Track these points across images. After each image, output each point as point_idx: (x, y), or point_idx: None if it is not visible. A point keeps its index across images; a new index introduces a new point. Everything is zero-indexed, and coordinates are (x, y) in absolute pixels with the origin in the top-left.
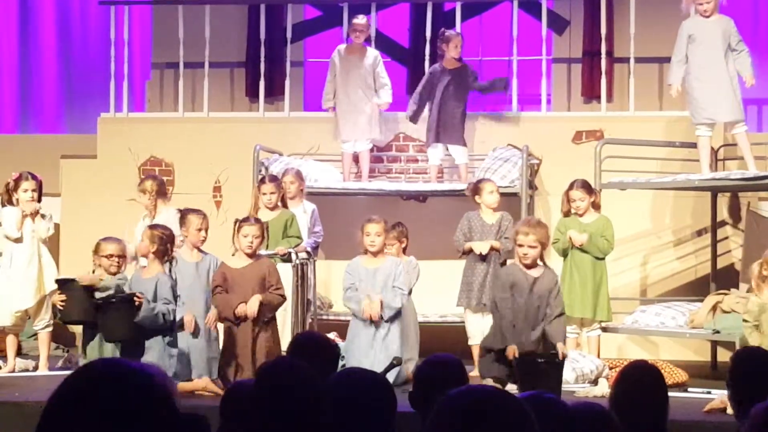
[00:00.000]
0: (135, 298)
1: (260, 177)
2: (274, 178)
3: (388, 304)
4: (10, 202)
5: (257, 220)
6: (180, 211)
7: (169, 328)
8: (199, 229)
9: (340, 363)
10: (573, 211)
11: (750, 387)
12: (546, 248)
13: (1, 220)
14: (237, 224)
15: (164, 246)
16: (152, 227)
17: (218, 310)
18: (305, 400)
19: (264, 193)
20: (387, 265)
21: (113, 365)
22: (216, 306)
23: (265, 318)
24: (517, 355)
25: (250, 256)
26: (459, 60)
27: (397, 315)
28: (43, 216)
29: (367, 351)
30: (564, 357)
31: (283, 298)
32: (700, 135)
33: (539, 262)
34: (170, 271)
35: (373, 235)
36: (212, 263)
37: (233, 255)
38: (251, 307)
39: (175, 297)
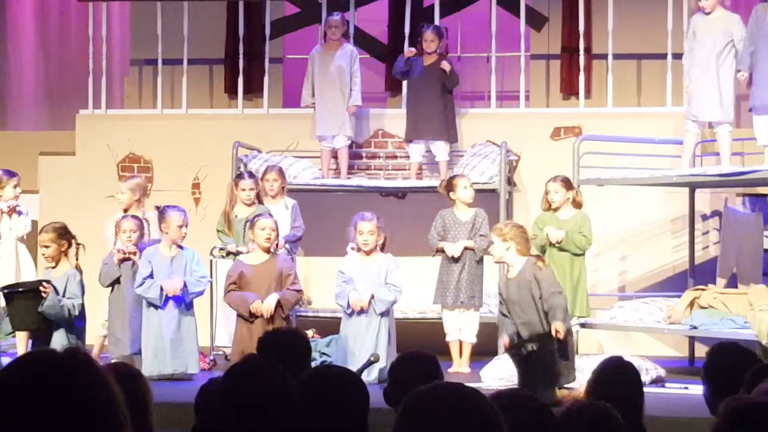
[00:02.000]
0: (41, 288)
1: (237, 173)
2: (252, 175)
3: (381, 298)
4: None
5: (271, 215)
6: (158, 207)
7: (73, 321)
8: (181, 226)
9: (321, 359)
10: (548, 202)
11: (724, 382)
12: (519, 244)
13: None
14: (251, 221)
15: (69, 240)
16: (44, 229)
17: (233, 308)
18: (272, 397)
19: (243, 189)
20: (380, 263)
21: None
22: (230, 305)
23: (282, 315)
24: (507, 345)
25: (267, 250)
26: (434, 54)
27: (388, 311)
28: (20, 213)
29: (360, 348)
30: (557, 336)
31: (300, 293)
32: (687, 130)
33: (513, 258)
34: (150, 262)
35: (366, 233)
36: (188, 257)
37: (247, 252)
38: (268, 305)
39: (83, 290)
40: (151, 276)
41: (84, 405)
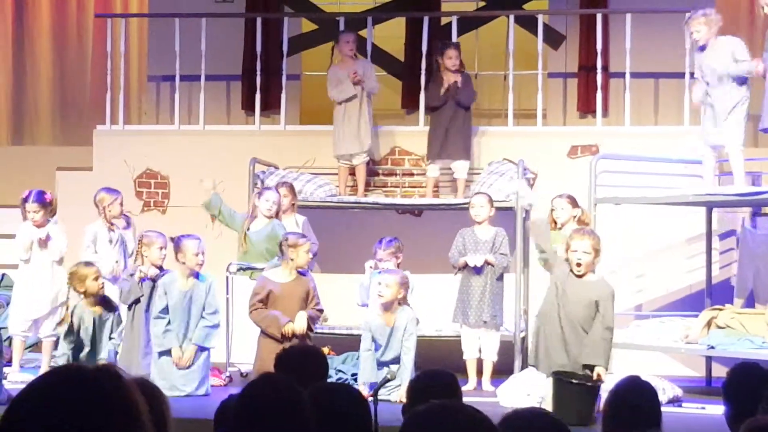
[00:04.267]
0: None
1: (260, 187)
2: (277, 190)
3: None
4: (25, 218)
5: (304, 235)
6: (172, 238)
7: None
8: (197, 254)
9: (337, 377)
10: (554, 219)
11: (746, 402)
12: (598, 256)
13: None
14: (288, 240)
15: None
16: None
17: (263, 327)
18: (287, 415)
19: (267, 200)
20: (401, 321)
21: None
22: (258, 323)
23: (310, 333)
24: (549, 375)
25: (300, 271)
26: (456, 72)
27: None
28: (49, 239)
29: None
30: (599, 379)
31: (322, 312)
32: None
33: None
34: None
35: (383, 286)
36: (205, 290)
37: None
38: (300, 324)
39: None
40: (166, 310)
41: (112, 420)
